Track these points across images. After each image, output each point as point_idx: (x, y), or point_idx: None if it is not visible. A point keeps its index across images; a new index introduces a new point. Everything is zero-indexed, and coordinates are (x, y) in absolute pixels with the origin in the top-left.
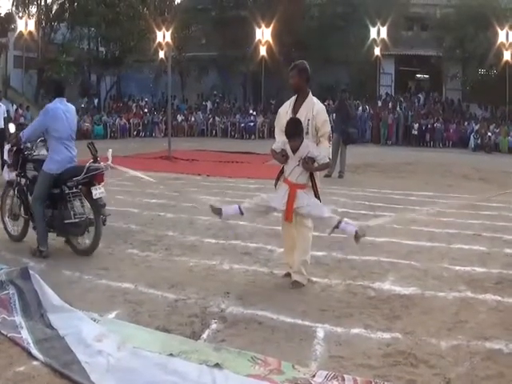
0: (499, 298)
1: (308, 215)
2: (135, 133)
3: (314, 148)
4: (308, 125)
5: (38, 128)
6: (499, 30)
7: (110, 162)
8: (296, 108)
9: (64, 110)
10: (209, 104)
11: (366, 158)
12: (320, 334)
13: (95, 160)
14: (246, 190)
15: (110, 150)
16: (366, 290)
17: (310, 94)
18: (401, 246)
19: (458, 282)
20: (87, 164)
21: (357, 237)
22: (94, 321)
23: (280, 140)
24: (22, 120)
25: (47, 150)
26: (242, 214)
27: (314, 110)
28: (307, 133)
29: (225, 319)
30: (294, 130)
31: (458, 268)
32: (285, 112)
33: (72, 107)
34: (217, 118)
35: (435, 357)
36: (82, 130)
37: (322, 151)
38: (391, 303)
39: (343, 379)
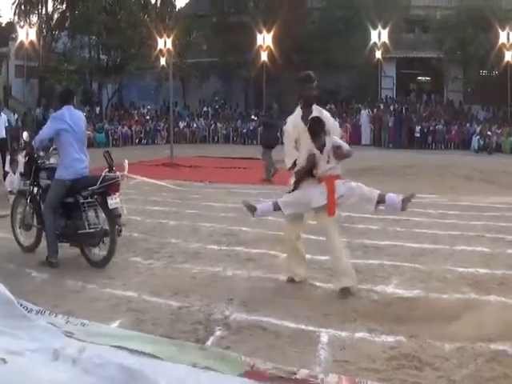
0: (503, 299)
1: (350, 203)
2: (137, 140)
3: (335, 138)
4: None
5: (47, 134)
6: (500, 31)
7: (125, 172)
8: (305, 119)
9: (71, 117)
10: (210, 110)
11: (368, 162)
12: (324, 338)
13: (110, 169)
14: (249, 195)
15: (126, 161)
16: (370, 293)
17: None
18: (404, 248)
19: (462, 283)
20: (103, 173)
21: (403, 207)
22: (83, 325)
23: (300, 153)
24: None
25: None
26: (278, 209)
27: (323, 115)
28: None
29: (229, 326)
30: (319, 127)
31: (461, 270)
32: (293, 126)
33: (80, 114)
34: (218, 124)
35: (440, 359)
36: None
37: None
38: (395, 306)
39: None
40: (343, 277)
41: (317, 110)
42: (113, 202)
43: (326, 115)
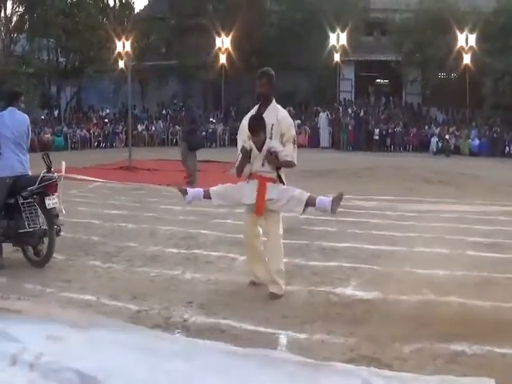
0: (462, 300)
1: (280, 206)
2: (96, 143)
3: (278, 145)
4: (272, 130)
5: None
6: (459, 34)
7: (63, 173)
8: None
9: (11, 118)
10: (169, 112)
11: (326, 164)
12: (283, 340)
13: (49, 170)
14: None
15: (63, 162)
16: (329, 295)
17: (274, 100)
18: (362, 250)
19: (421, 285)
20: (41, 174)
21: (333, 210)
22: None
23: (242, 143)
24: None
25: None
26: (208, 198)
27: (279, 116)
28: (271, 137)
29: (188, 329)
30: (257, 124)
31: (419, 271)
32: (246, 121)
33: (23, 117)
34: (177, 127)
35: (399, 361)
36: (43, 142)
37: (286, 150)
38: (354, 308)
39: None
40: (274, 284)
41: (273, 109)
42: (51, 202)
43: (281, 116)
